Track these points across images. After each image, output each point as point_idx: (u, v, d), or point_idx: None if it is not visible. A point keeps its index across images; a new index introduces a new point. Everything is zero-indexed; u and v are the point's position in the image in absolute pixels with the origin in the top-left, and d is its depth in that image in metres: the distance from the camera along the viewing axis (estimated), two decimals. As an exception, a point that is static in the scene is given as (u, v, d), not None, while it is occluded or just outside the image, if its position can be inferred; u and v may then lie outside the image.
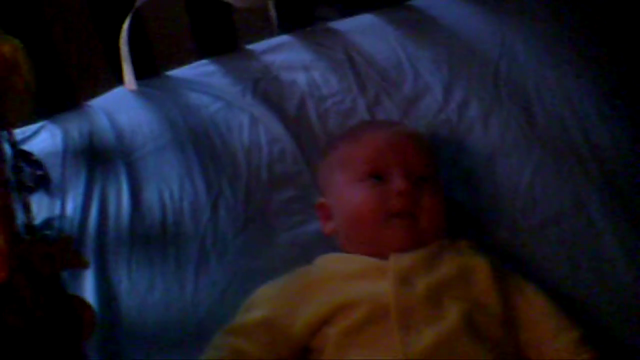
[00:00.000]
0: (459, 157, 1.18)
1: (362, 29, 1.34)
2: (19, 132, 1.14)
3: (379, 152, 1.04)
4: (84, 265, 0.81)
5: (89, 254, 1.08)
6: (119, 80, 1.28)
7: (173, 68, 1.31)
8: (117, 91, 1.28)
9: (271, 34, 1.36)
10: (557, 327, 0.96)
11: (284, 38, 1.34)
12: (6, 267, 0.65)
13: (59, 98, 1.23)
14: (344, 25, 1.35)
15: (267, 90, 1.26)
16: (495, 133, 1.19)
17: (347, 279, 0.97)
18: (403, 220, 0.99)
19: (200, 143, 1.20)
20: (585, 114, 1.20)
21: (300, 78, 1.27)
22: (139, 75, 1.27)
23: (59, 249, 0.77)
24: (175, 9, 1.30)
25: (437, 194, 1.03)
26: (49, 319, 0.71)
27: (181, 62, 1.32)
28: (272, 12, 1.37)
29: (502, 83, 1.23)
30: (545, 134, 1.19)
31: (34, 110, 0.89)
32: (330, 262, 1.02)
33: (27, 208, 0.96)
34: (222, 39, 1.31)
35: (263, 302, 0.98)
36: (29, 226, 0.97)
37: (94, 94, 1.27)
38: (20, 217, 0.90)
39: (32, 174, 1.10)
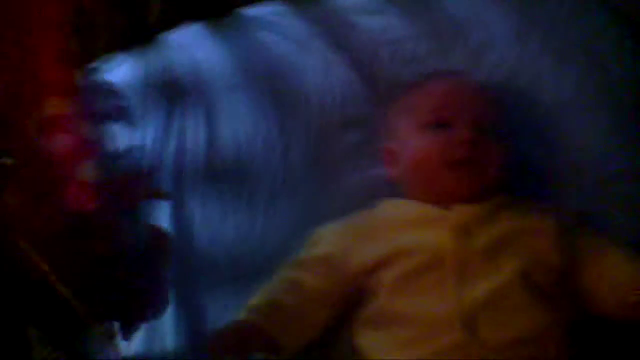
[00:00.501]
0: (528, 108, 1.17)
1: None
2: (101, 64, 1.19)
3: (445, 101, 1.05)
4: (164, 197, 0.85)
5: (166, 185, 1.13)
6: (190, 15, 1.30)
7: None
8: (190, 28, 1.30)
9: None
10: (622, 259, 0.96)
11: (359, -20, 1.34)
12: (94, 198, 0.70)
13: (137, 31, 1.26)
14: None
15: (340, 33, 1.27)
16: (567, 87, 1.18)
17: (407, 225, 1.00)
18: (466, 168, 1.00)
19: (273, 83, 1.22)
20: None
21: (373, 22, 1.27)
22: (212, 14, 1.29)
23: (142, 180, 0.81)
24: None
25: (500, 146, 1.03)
26: (132, 247, 0.76)
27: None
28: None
29: (576, 38, 1.21)
30: (620, 93, 1.17)
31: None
32: (392, 207, 1.05)
33: (109, 137, 1.01)
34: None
35: (326, 239, 1.02)
36: (111, 155, 1.02)
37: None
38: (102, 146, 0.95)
39: (113, 105, 1.15)
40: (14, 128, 0.65)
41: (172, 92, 1.21)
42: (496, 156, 1.02)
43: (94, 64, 1.02)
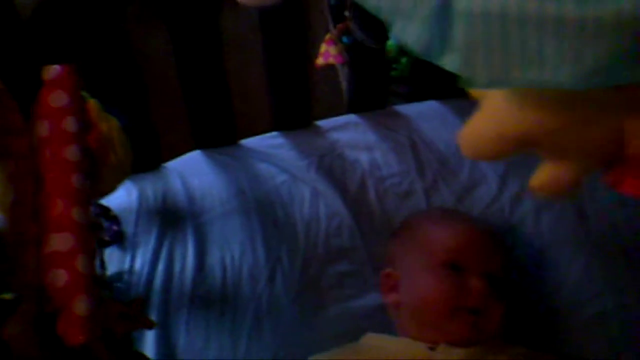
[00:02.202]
0: (510, 248, 1.22)
1: (426, 115, 1.40)
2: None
3: (460, 244, 1.08)
4: (151, 326, 0.87)
5: (153, 308, 1.15)
6: (197, 145, 1.37)
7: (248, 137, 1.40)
8: (192, 155, 1.36)
9: (341, 111, 1.44)
10: None
11: (351, 117, 1.42)
12: (87, 331, 0.72)
13: (143, 160, 1.32)
14: (409, 109, 1.42)
15: (331, 166, 1.33)
16: (546, 227, 1.24)
17: None
18: (471, 316, 1.03)
19: (264, 212, 1.27)
20: (638, 217, 1.23)
21: (363, 157, 1.34)
22: (217, 143, 1.36)
23: (133, 309, 0.84)
24: (254, 82, 1.39)
25: (504, 296, 1.06)
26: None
27: (256, 133, 1.40)
28: (345, 90, 1.44)
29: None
30: (595, 233, 1.23)
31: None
32: (377, 343, 1.07)
33: (102, 262, 1.04)
34: (297, 115, 1.39)
35: None
36: (103, 280, 1.05)
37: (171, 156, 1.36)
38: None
39: (109, 229, 1.19)
40: (16, 264, 0.68)
41: (164, 218, 1.25)
42: (499, 307, 1.05)
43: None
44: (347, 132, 1.39)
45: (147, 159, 1.29)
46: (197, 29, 1.19)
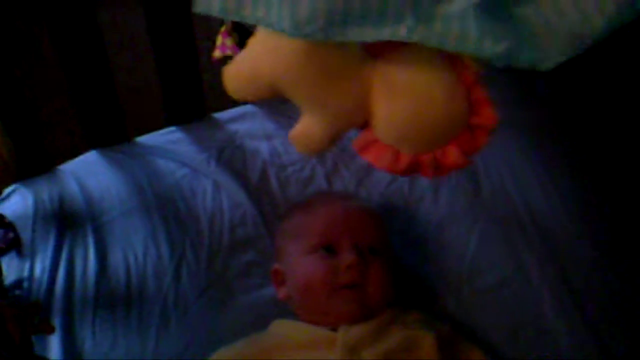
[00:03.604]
0: (410, 225, 1.25)
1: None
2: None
3: (330, 225, 1.09)
4: (50, 331, 0.86)
5: (56, 314, 1.13)
6: (91, 144, 1.34)
7: (142, 134, 1.38)
8: (87, 156, 1.34)
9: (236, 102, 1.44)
10: None
11: (247, 107, 1.42)
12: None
13: (33, 163, 1.29)
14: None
15: (231, 158, 1.33)
16: (444, 203, 1.27)
17: (298, 348, 1.02)
18: (351, 292, 1.04)
19: (165, 208, 1.26)
20: (528, 185, 1.28)
21: (263, 146, 1.34)
22: (109, 142, 1.34)
23: (29, 313, 0.82)
24: (147, 78, 1.37)
25: (385, 266, 1.08)
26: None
27: (150, 129, 1.38)
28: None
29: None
30: (490, 204, 1.27)
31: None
32: (283, 329, 1.07)
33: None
34: (191, 107, 1.38)
35: None
36: (1, 288, 1.02)
37: (67, 157, 1.33)
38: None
39: (5, 237, 1.15)
40: None
41: (62, 222, 1.23)
42: (380, 277, 1.06)
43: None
44: (245, 122, 1.39)
45: (38, 161, 1.26)
46: (74, 24, 1.16)
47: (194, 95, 1.37)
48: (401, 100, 0.72)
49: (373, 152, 0.75)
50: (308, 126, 0.74)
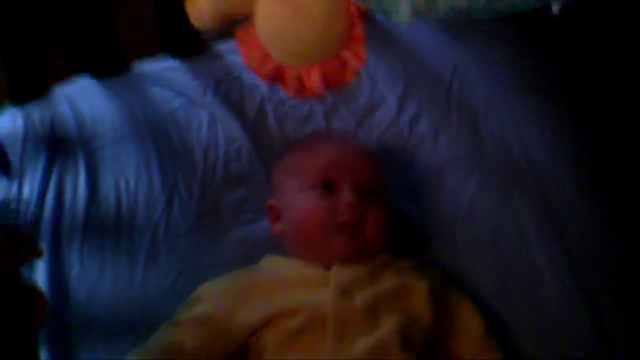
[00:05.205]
0: (408, 169, 1.23)
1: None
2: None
3: (331, 164, 1.07)
4: (39, 256, 0.83)
5: (44, 238, 1.11)
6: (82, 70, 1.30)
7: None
8: (82, 80, 1.30)
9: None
10: (481, 347, 1.02)
11: (248, 39, 1.38)
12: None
13: (25, 86, 1.25)
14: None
15: (229, 90, 1.30)
16: (443, 149, 1.25)
17: (289, 285, 1.01)
18: (348, 231, 1.03)
19: (159, 137, 1.23)
20: (528, 137, 1.26)
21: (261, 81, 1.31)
22: (107, 73, 1.30)
23: (20, 244, 0.79)
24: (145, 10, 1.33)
25: (383, 208, 1.07)
26: (6, 311, 0.74)
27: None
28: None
29: (453, 102, 1.29)
30: (489, 153, 1.25)
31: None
32: (274, 266, 1.06)
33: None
34: (188, 42, 1.34)
35: (207, 298, 1.02)
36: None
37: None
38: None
39: (-7, 157, 1.13)
40: None
41: (53, 145, 1.20)
42: (378, 218, 1.05)
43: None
44: (245, 54, 1.35)
45: (30, 84, 1.22)
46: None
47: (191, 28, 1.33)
48: (283, 5, 0.78)
49: (246, 47, 0.83)
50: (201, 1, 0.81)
